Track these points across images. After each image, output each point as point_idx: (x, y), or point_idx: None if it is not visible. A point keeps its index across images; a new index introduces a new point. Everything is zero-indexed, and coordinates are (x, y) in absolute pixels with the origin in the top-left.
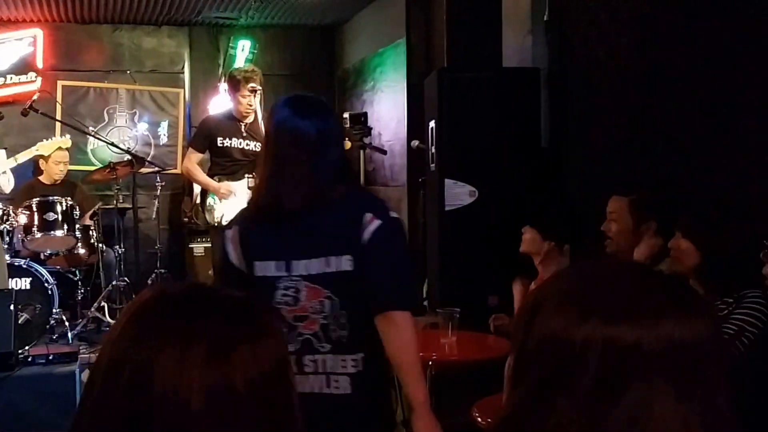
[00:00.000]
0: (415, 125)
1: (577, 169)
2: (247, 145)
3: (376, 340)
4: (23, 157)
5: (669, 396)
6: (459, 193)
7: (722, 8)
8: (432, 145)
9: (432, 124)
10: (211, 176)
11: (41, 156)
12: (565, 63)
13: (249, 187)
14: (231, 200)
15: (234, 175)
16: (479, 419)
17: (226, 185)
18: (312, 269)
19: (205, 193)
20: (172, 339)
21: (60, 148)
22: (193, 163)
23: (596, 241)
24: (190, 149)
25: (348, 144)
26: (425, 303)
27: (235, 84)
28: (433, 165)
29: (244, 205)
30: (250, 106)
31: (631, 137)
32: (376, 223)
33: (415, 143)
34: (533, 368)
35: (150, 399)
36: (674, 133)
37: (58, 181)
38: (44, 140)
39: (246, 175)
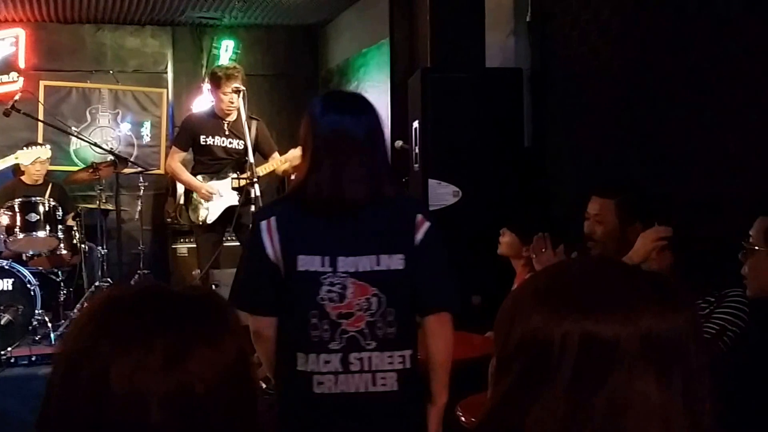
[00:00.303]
0: (399, 125)
1: (559, 169)
2: (230, 143)
3: (416, 338)
4: (1, 164)
5: (649, 384)
6: (443, 194)
7: (703, 9)
8: (416, 145)
9: (416, 124)
10: (195, 175)
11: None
12: (547, 63)
13: (233, 188)
14: (216, 199)
15: (218, 174)
16: (462, 418)
17: (209, 186)
18: (361, 266)
19: (189, 192)
20: (128, 344)
21: (39, 159)
22: (177, 162)
23: (580, 240)
24: (174, 148)
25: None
26: None
27: (217, 81)
28: (417, 165)
29: (229, 204)
30: (232, 103)
31: (613, 137)
32: (427, 224)
33: (398, 143)
34: (515, 365)
35: (109, 402)
36: (655, 132)
37: (39, 182)
38: (24, 148)
39: (230, 174)
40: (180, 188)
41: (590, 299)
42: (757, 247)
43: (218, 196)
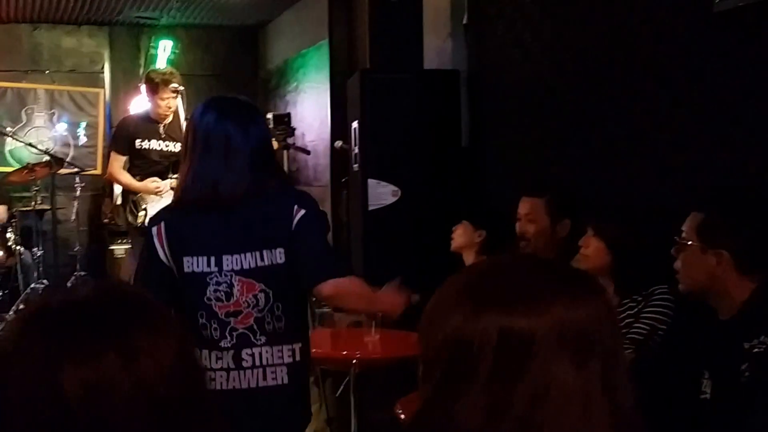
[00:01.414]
0: (338, 126)
1: (496, 168)
2: (166, 146)
3: (307, 331)
4: None
5: (566, 371)
6: (382, 193)
7: (633, 12)
8: (355, 145)
9: (355, 124)
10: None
11: None
12: (483, 65)
13: (172, 188)
14: (154, 201)
15: (153, 177)
16: (402, 415)
17: (152, 179)
18: (245, 264)
19: (126, 193)
20: (79, 350)
21: None
22: (117, 168)
23: (513, 238)
24: (113, 154)
25: (275, 144)
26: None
27: (154, 87)
28: (356, 165)
29: (165, 205)
30: (169, 108)
31: (546, 138)
32: (302, 212)
33: (338, 143)
34: (438, 366)
35: (68, 413)
36: (586, 133)
37: None
38: None
39: (167, 177)
40: (117, 189)
41: (505, 295)
42: (689, 242)
43: (166, 189)
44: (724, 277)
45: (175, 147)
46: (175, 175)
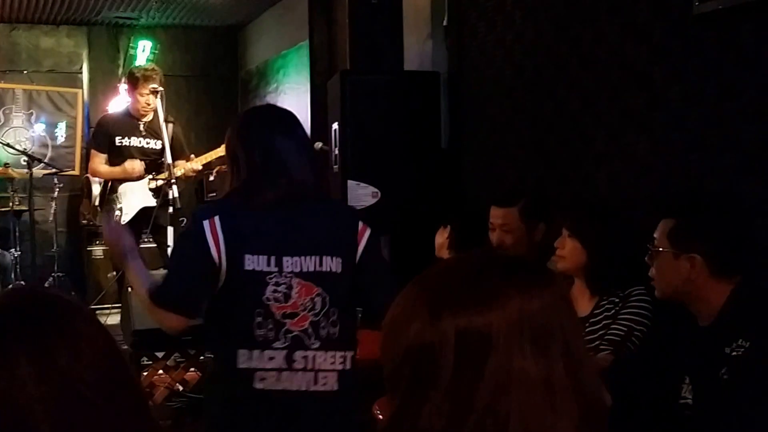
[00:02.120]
0: (319, 127)
1: (475, 170)
2: (147, 143)
3: (356, 341)
4: None
5: (526, 360)
6: (362, 194)
7: (611, 14)
8: (335, 146)
9: (335, 126)
10: None
11: None
12: (463, 67)
13: (150, 189)
14: (130, 200)
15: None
16: (380, 416)
17: (129, 162)
18: (305, 267)
19: (104, 193)
20: None
21: None
22: (99, 164)
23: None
24: (94, 152)
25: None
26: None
27: (134, 82)
28: (336, 166)
29: (144, 205)
30: (149, 104)
31: (525, 139)
32: (368, 231)
33: (318, 145)
34: (402, 377)
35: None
36: (565, 135)
37: None
38: None
39: (146, 175)
40: (95, 190)
41: (460, 296)
42: (661, 249)
43: (132, 195)
44: (698, 281)
45: (156, 144)
46: (154, 175)
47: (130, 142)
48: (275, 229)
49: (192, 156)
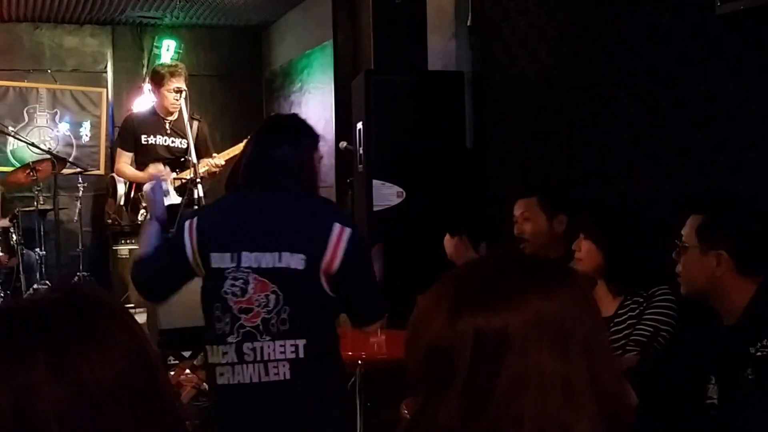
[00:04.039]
0: (343, 126)
1: (500, 170)
2: (173, 142)
3: (320, 330)
4: None
5: (542, 357)
6: (387, 194)
7: (633, 14)
8: (360, 146)
9: (359, 125)
10: None
11: None
12: (487, 67)
13: (175, 188)
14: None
15: None
16: (408, 416)
17: (154, 166)
18: (263, 263)
19: (129, 192)
20: (7, 365)
21: None
22: (125, 164)
23: (514, 241)
24: (120, 150)
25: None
26: None
27: (159, 79)
28: (361, 166)
29: (169, 203)
30: (176, 101)
31: (549, 139)
32: (348, 231)
33: (342, 144)
34: (423, 378)
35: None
36: (589, 135)
37: None
38: None
39: (171, 173)
40: (120, 189)
41: (479, 297)
42: (688, 245)
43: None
44: (724, 278)
45: (182, 143)
46: (178, 172)
47: (156, 141)
48: (236, 224)
49: (214, 155)
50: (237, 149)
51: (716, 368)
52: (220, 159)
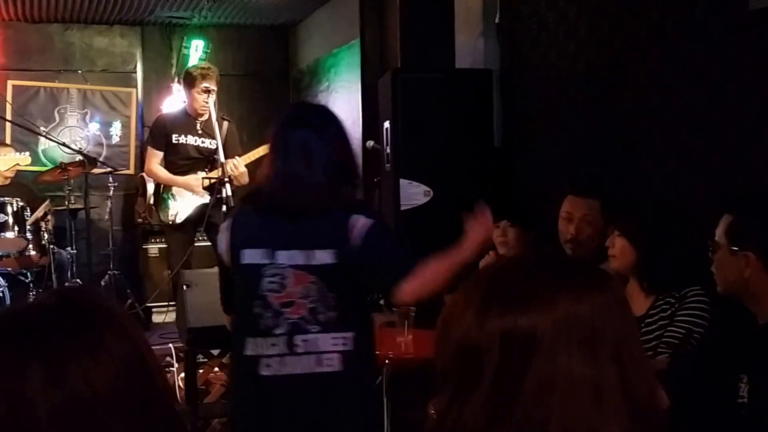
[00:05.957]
0: (370, 125)
1: (528, 169)
2: (203, 142)
3: (365, 324)
4: None
5: (571, 360)
6: (414, 193)
7: (667, 11)
8: (387, 145)
9: (387, 124)
10: None
11: None
12: (516, 64)
13: (204, 187)
14: (186, 198)
15: (188, 174)
16: (434, 414)
17: (195, 177)
18: (298, 259)
19: (158, 192)
20: (3, 370)
21: (17, 166)
22: (155, 164)
23: (548, 236)
24: (150, 149)
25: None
26: (381, 302)
27: (191, 81)
28: (389, 165)
29: (199, 203)
30: (207, 103)
31: (580, 137)
32: (368, 222)
33: (370, 143)
34: (450, 376)
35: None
36: (621, 133)
37: (7, 182)
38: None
39: (200, 172)
40: (150, 188)
41: (508, 297)
42: (721, 244)
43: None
44: (753, 278)
45: (211, 144)
46: (207, 171)
47: (186, 141)
48: (271, 227)
49: (236, 157)
50: (256, 154)
51: (748, 367)
52: (241, 164)
